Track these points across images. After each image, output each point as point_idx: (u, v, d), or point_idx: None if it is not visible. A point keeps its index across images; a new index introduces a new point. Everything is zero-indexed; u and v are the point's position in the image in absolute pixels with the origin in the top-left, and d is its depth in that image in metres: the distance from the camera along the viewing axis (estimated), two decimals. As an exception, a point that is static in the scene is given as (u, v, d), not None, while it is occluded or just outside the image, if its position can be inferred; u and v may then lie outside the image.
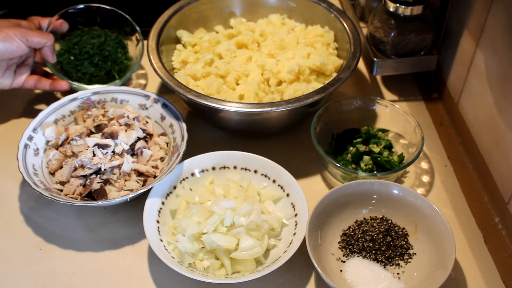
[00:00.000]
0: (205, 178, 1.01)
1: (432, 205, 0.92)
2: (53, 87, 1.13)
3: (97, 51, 1.16)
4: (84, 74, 1.16)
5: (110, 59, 1.17)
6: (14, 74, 1.09)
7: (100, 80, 1.17)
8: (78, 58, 1.16)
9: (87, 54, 1.16)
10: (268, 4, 1.23)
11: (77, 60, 1.16)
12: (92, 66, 1.16)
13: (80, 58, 1.16)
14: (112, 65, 1.17)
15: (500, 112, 0.93)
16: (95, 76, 1.16)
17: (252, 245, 0.89)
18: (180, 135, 1.01)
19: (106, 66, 1.17)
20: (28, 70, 1.11)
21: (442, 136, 1.12)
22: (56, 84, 1.13)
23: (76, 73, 1.16)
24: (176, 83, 1.02)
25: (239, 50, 1.15)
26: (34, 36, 1.05)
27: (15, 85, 1.10)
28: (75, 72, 1.16)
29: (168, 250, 0.91)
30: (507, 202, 0.91)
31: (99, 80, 1.17)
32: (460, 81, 1.07)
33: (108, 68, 1.17)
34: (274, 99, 1.06)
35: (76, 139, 1.00)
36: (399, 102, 1.19)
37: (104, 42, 1.17)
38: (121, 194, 0.97)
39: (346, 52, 1.10)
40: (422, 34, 1.09)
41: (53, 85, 1.13)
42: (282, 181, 0.98)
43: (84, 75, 1.16)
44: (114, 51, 1.17)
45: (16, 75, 1.09)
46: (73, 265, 0.94)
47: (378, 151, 1.03)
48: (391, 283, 0.89)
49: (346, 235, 0.95)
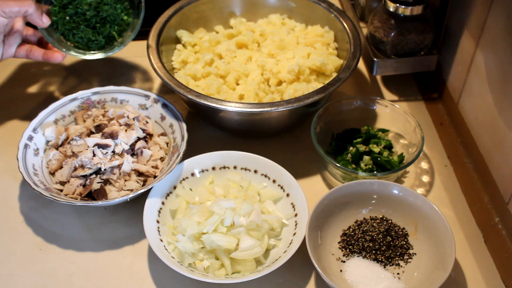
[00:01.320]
0: (205, 178, 1.01)
1: (432, 205, 0.92)
2: (46, 57, 1.06)
3: (95, 12, 1.08)
4: (82, 39, 1.09)
5: (109, 20, 1.08)
6: (3, 45, 1.03)
7: (98, 45, 1.10)
8: (75, 20, 1.08)
9: (83, 16, 1.08)
10: (268, 4, 1.23)
11: (73, 21, 1.08)
12: (90, 30, 1.08)
13: (77, 20, 1.08)
14: (112, 26, 1.09)
15: (500, 112, 0.93)
16: (93, 41, 1.10)
17: (252, 245, 0.89)
18: (180, 135, 1.01)
19: (105, 29, 1.09)
20: (18, 39, 1.05)
21: (442, 136, 1.12)
22: (50, 56, 1.05)
23: (73, 36, 1.09)
24: (176, 83, 1.02)
25: (239, 50, 1.15)
26: (11, 6, 0.97)
27: (6, 56, 1.05)
28: (72, 35, 1.09)
29: (168, 250, 0.91)
30: (507, 202, 0.91)
31: (97, 45, 1.10)
32: (460, 81, 1.07)
33: (107, 31, 1.09)
34: (274, 99, 1.06)
35: (76, 139, 1.00)
36: (399, 102, 1.19)
37: (102, 1, 1.08)
38: (121, 194, 0.96)
39: (346, 52, 1.10)
40: (422, 34, 1.09)
41: (46, 55, 1.05)
42: (282, 181, 0.98)
43: (82, 39, 1.09)
44: (113, 10, 1.08)
45: (6, 46, 1.03)
46: (73, 265, 0.94)
47: (378, 151, 1.03)
48: (391, 283, 0.89)
49: (346, 235, 0.95)
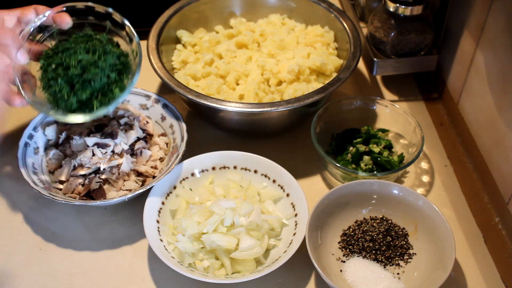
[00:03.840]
0: (205, 178, 1.01)
1: (432, 205, 0.92)
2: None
3: (79, 71, 0.88)
4: (55, 93, 0.89)
5: (93, 87, 0.89)
6: None
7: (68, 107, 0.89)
8: (57, 71, 0.89)
9: (66, 71, 0.89)
10: (268, 4, 1.23)
11: (55, 72, 0.89)
12: (67, 88, 0.89)
13: (59, 72, 0.89)
14: (95, 95, 0.89)
15: (500, 112, 0.93)
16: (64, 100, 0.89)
17: (252, 245, 0.89)
18: (180, 135, 1.01)
19: (83, 93, 0.89)
20: None
21: (442, 136, 1.12)
22: None
23: (48, 88, 0.90)
24: (176, 83, 1.02)
25: (239, 50, 1.15)
26: None
27: None
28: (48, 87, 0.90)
29: (168, 250, 0.91)
30: (507, 202, 0.91)
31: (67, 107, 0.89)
32: (460, 81, 1.07)
33: (84, 96, 0.89)
34: (274, 99, 1.06)
35: (76, 138, 1.00)
36: (399, 102, 1.19)
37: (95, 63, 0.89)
38: (119, 194, 0.96)
39: (346, 52, 1.10)
40: (422, 34, 1.09)
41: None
42: (282, 181, 0.98)
43: (55, 93, 0.89)
44: (104, 77, 0.89)
45: None
46: (73, 265, 0.94)
47: (378, 151, 1.03)
48: (391, 283, 0.89)
49: (346, 235, 0.95)
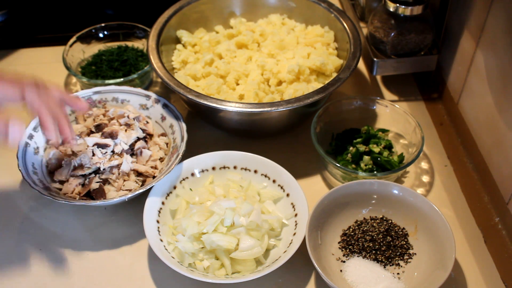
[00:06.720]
0: (205, 178, 1.01)
1: (432, 205, 0.92)
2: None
3: (116, 57, 1.20)
4: (103, 77, 1.18)
5: (129, 63, 1.20)
6: None
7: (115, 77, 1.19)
8: (98, 66, 1.20)
9: (106, 61, 1.20)
10: (268, 4, 1.23)
11: (96, 67, 1.20)
12: (112, 70, 1.19)
13: (100, 66, 1.20)
14: (132, 69, 1.19)
15: (500, 112, 0.93)
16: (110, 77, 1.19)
17: (252, 245, 0.89)
18: (180, 135, 1.01)
19: (125, 69, 1.19)
20: None
21: (442, 136, 1.12)
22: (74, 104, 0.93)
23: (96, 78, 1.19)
24: (176, 83, 1.02)
25: (239, 50, 1.15)
26: None
27: None
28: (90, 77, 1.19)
29: (168, 250, 0.91)
30: (507, 202, 0.91)
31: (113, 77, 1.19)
32: (460, 81, 1.07)
33: (126, 70, 1.19)
34: (274, 99, 1.06)
35: (76, 138, 0.99)
36: (399, 102, 1.19)
37: (124, 51, 1.22)
38: (119, 194, 0.96)
39: (346, 52, 1.10)
40: (422, 34, 1.09)
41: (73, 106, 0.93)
42: (282, 181, 0.98)
43: (103, 78, 1.18)
44: (133, 56, 1.21)
45: None
46: (73, 265, 0.94)
47: (378, 151, 1.03)
48: (391, 283, 0.89)
49: (346, 235, 0.95)
